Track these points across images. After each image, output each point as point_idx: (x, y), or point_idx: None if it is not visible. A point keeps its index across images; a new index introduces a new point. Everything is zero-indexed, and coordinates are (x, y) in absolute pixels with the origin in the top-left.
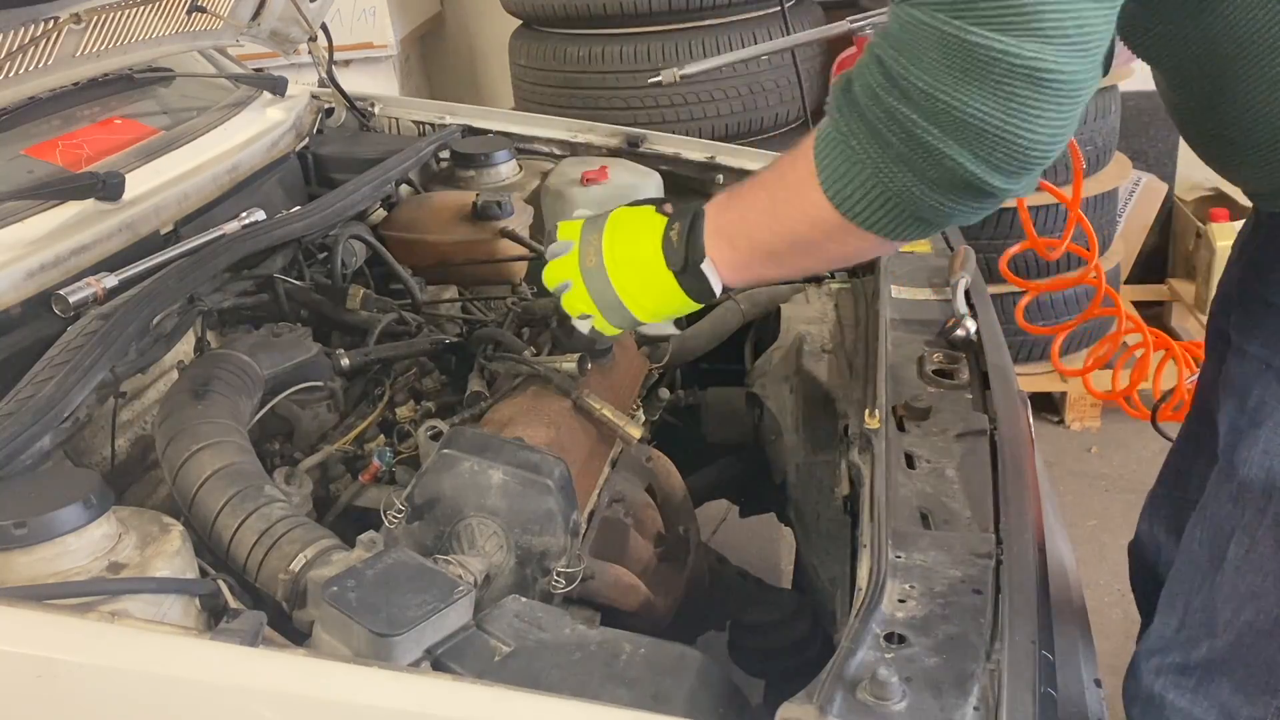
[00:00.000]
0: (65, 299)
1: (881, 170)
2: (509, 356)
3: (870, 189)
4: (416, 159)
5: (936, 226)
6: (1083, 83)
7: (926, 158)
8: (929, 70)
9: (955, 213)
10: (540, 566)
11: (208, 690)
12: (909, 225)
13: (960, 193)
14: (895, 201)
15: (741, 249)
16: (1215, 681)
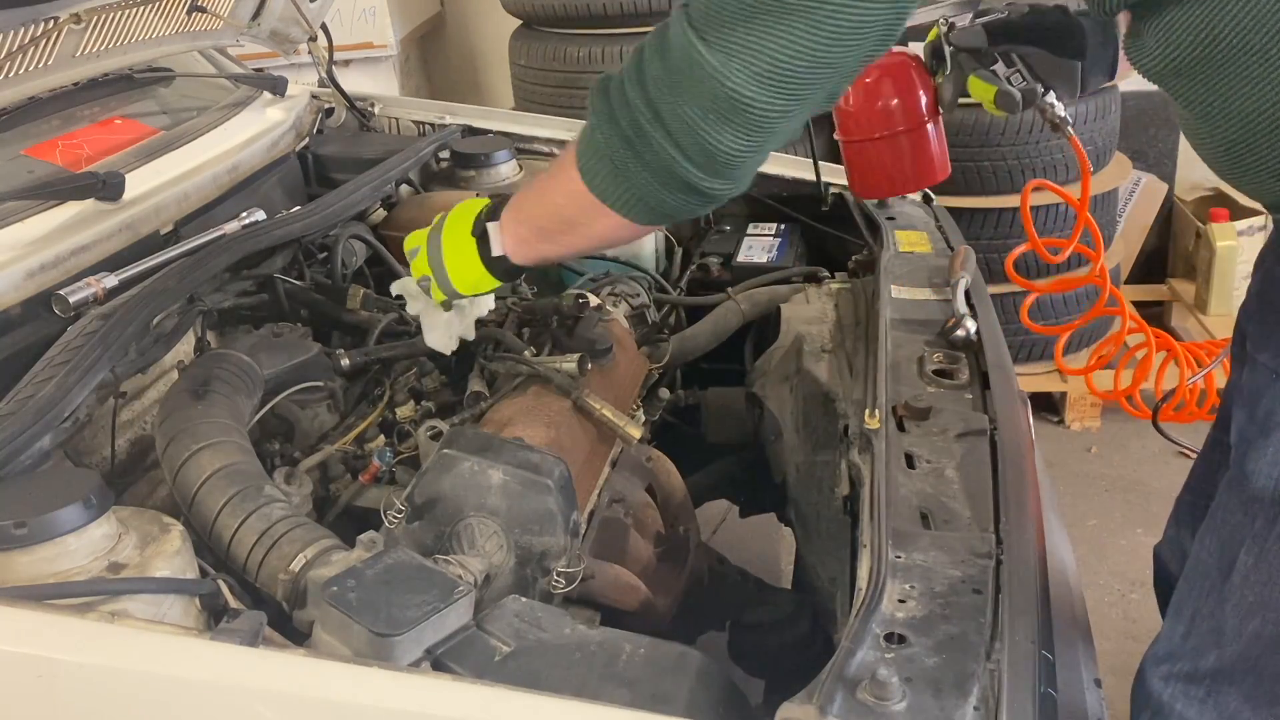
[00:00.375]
0: (65, 299)
1: (616, 153)
2: (509, 356)
3: (610, 171)
4: (416, 159)
5: (667, 215)
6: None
7: (646, 148)
8: (667, 67)
9: (678, 203)
10: (540, 566)
11: (208, 690)
12: (640, 210)
13: (676, 185)
14: (627, 186)
15: (523, 224)
16: (1223, 692)
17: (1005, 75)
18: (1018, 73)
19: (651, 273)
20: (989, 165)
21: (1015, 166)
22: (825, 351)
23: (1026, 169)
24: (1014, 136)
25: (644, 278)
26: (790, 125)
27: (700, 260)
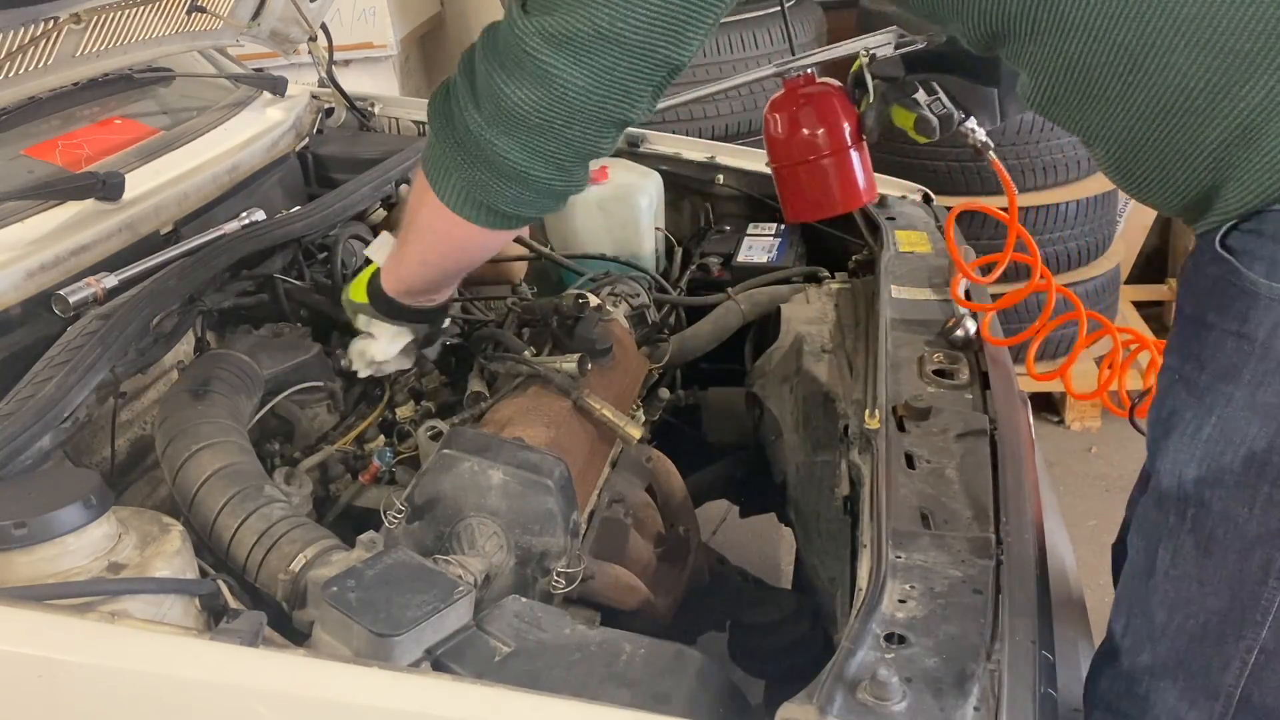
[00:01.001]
0: (65, 299)
1: (456, 165)
2: (509, 356)
3: (455, 182)
4: (416, 159)
5: (504, 215)
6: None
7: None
8: (497, 49)
9: (520, 201)
10: (540, 566)
11: (208, 690)
12: (486, 215)
13: (512, 182)
14: (469, 192)
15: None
16: (1161, 688)
17: (926, 103)
18: (938, 100)
19: (651, 273)
20: (989, 166)
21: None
22: (825, 351)
23: (1027, 169)
24: (1014, 137)
25: (644, 278)
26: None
27: (700, 260)
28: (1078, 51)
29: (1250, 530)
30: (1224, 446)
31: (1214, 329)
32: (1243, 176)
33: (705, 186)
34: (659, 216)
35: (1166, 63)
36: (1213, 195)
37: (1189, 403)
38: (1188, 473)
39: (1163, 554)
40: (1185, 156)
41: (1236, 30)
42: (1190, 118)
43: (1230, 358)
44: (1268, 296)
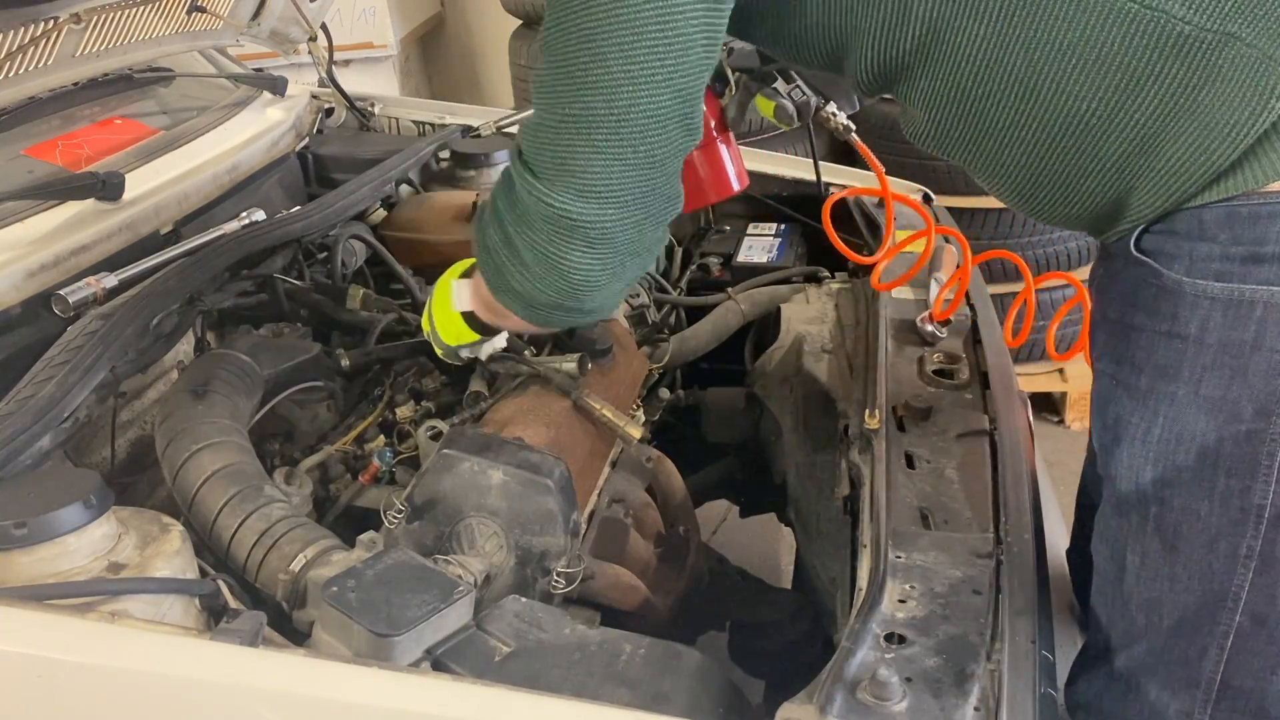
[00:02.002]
0: (65, 299)
1: (493, 277)
2: (509, 356)
3: (497, 285)
4: (416, 159)
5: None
6: (614, 232)
7: (507, 279)
8: (513, 207)
9: (556, 321)
10: (540, 566)
11: (208, 690)
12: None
13: (540, 307)
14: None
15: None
16: (1142, 684)
17: (786, 91)
18: (797, 88)
19: (651, 273)
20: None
21: None
22: (825, 351)
23: None
24: None
25: (644, 278)
26: (637, 236)
27: (700, 260)
28: (970, 83)
29: (1212, 522)
30: (1176, 445)
31: (1144, 331)
32: (1148, 185)
33: None
34: None
35: (1059, 88)
36: (1120, 206)
37: (1133, 407)
38: (1144, 475)
39: (1131, 558)
40: (1088, 173)
41: (1123, 50)
42: (1088, 137)
43: (1166, 358)
44: (1192, 293)
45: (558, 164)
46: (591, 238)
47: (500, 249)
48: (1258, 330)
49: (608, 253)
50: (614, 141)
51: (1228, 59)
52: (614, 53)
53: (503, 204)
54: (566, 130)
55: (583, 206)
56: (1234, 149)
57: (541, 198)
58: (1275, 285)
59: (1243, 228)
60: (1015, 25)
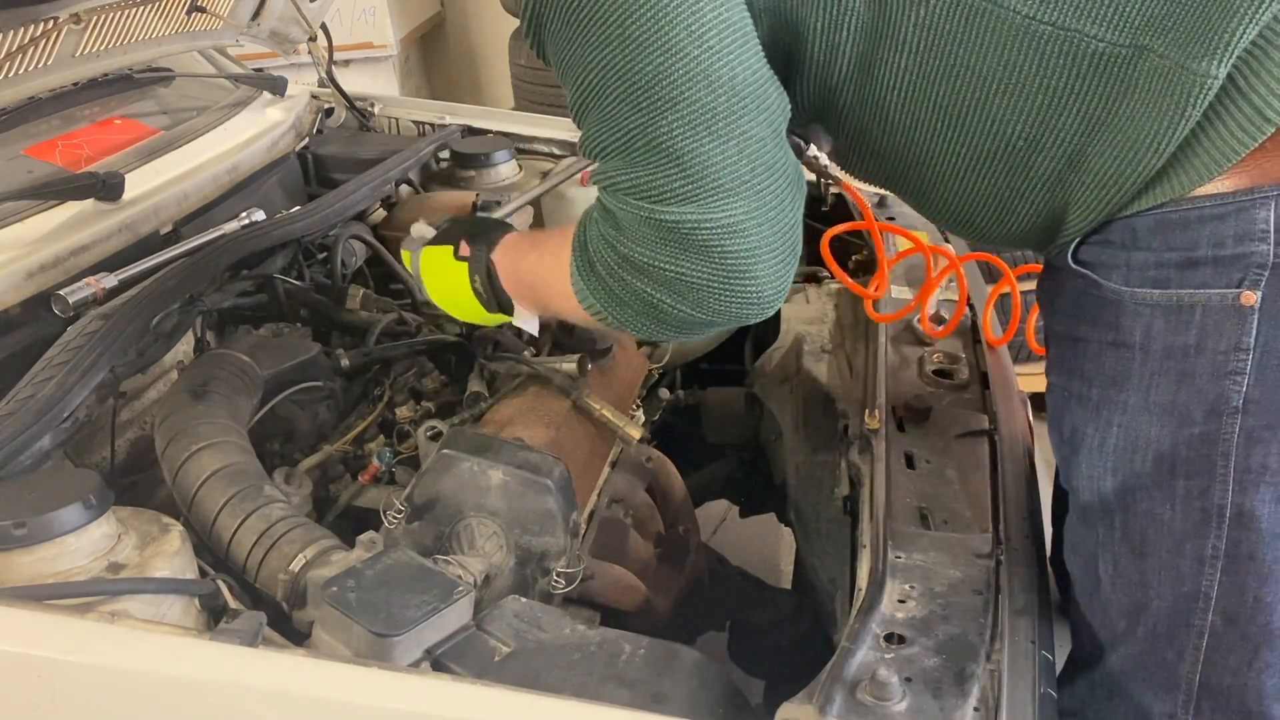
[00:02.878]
0: (65, 299)
1: (625, 318)
2: (509, 357)
3: (614, 319)
4: (416, 159)
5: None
6: (777, 217)
7: (663, 317)
8: (650, 247)
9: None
10: (540, 567)
11: (208, 690)
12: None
13: (693, 330)
14: (633, 328)
15: (530, 303)
16: (1125, 689)
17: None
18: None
19: None
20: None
21: None
22: (825, 351)
23: None
24: None
25: None
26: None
27: None
28: (898, 114)
29: (1176, 526)
30: (1132, 452)
31: (1090, 343)
32: (1080, 199)
33: None
34: None
35: (983, 113)
36: (1057, 221)
37: (1087, 418)
38: (1105, 484)
39: (1103, 567)
40: (1020, 193)
41: (1041, 71)
42: (1016, 158)
43: (1114, 367)
44: (1132, 302)
45: (691, 178)
46: (764, 237)
47: (653, 293)
48: (1199, 334)
49: (780, 246)
50: (736, 124)
51: (1143, 71)
52: (682, 38)
53: (636, 252)
54: (681, 139)
55: (743, 205)
56: (1158, 158)
57: (691, 220)
58: (1211, 288)
59: (1174, 234)
60: (936, 55)
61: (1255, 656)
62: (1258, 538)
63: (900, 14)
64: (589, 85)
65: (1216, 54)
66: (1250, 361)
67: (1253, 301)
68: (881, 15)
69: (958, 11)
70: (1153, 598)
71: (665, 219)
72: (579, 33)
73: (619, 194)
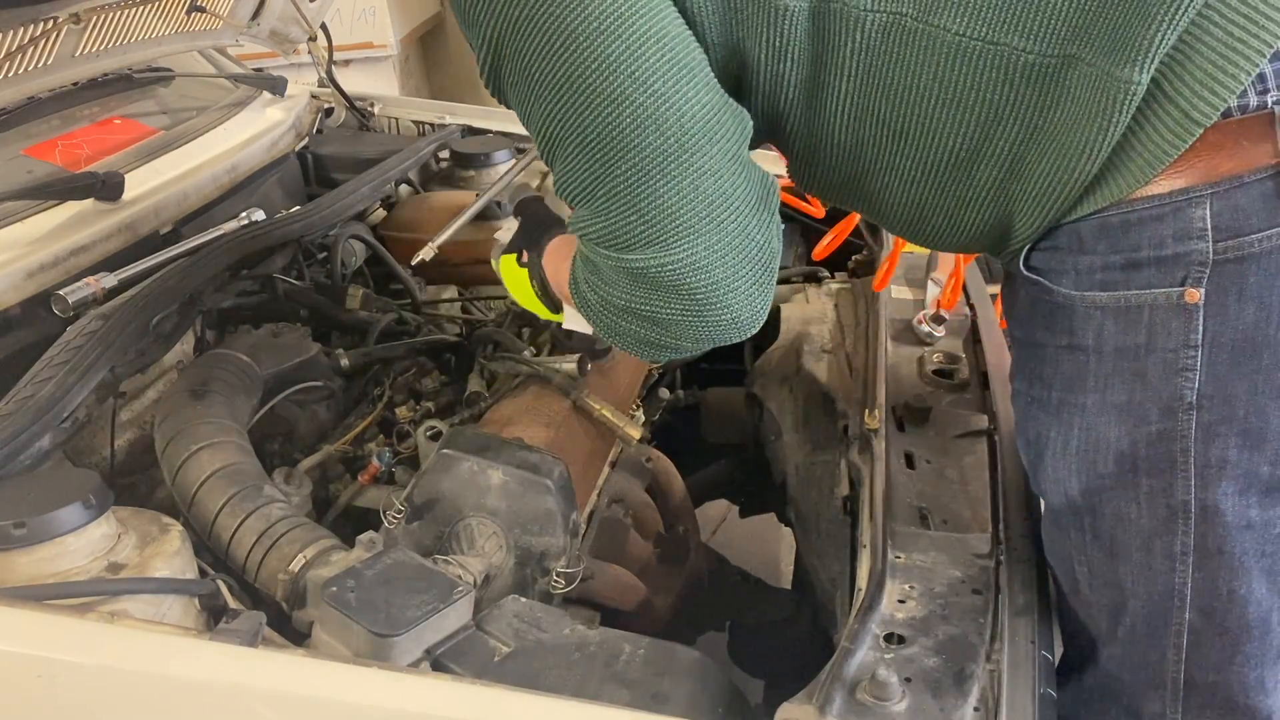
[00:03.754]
0: (65, 299)
1: (624, 345)
2: (509, 356)
3: (616, 345)
4: (416, 159)
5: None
6: (744, 245)
7: (654, 345)
8: (625, 290)
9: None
10: (540, 566)
11: (208, 690)
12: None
13: (688, 352)
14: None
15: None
16: (1115, 690)
17: None
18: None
19: None
20: None
21: None
22: (825, 351)
23: None
24: None
25: None
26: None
27: None
28: (844, 135)
29: (1144, 524)
30: (1094, 454)
31: (1047, 347)
32: (1024, 207)
33: None
34: None
35: (925, 128)
36: (1005, 229)
37: (1048, 422)
38: (1071, 487)
39: (1080, 569)
40: (966, 202)
41: (977, 85)
42: (959, 169)
43: (1071, 370)
44: (1083, 306)
45: (649, 223)
46: (730, 267)
47: (639, 329)
48: (1148, 333)
49: (750, 271)
50: (688, 161)
51: (1074, 80)
52: (626, 85)
53: (613, 295)
54: (636, 185)
55: (704, 242)
56: (1093, 163)
57: (655, 265)
58: (1156, 288)
59: (1117, 237)
60: (875, 76)
61: (1236, 650)
62: (1224, 531)
63: (838, 40)
64: (548, 135)
65: (1138, 60)
66: (1200, 358)
67: (1196, 299)
68: (821, 42)
69: (892, 34)
70: (1129, 598)
71: (632, 265)
72: (532, 85)
73: (589, 243)
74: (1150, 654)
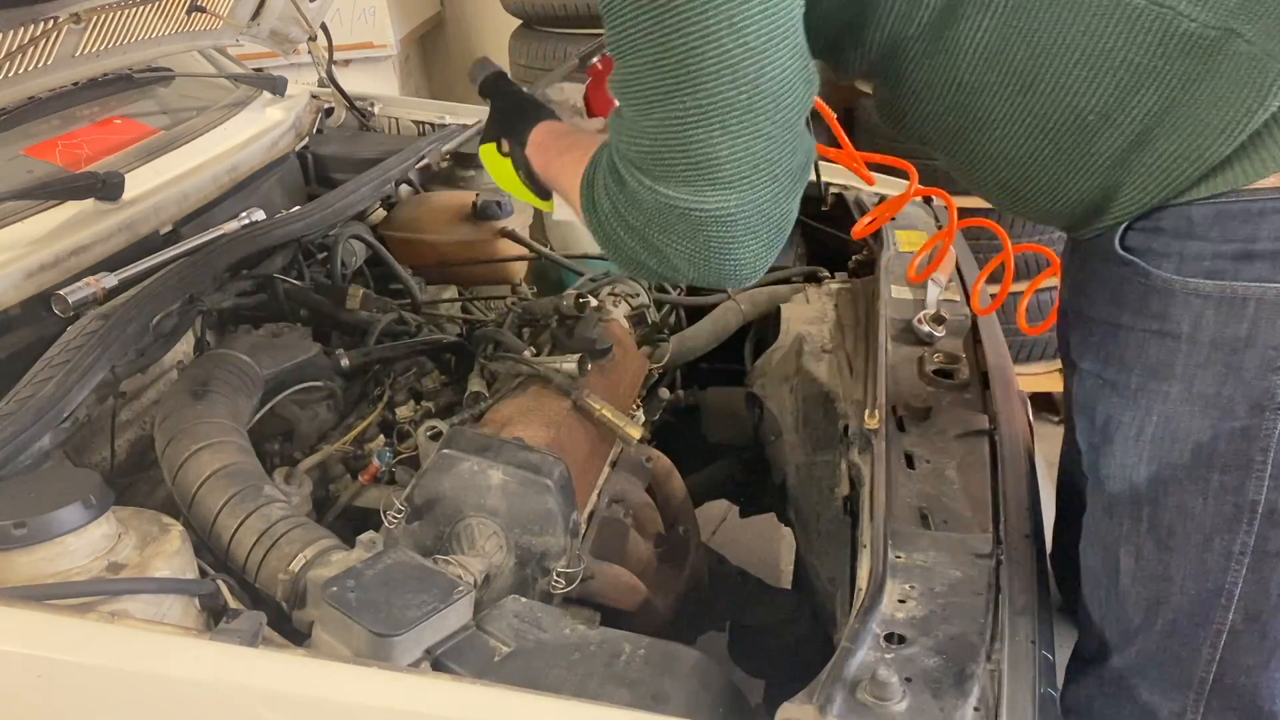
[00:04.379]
0: (65, 299)
1: (615, 257)
2: (509, 356)
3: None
4: (416, 159)
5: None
6: (769, 210)
7: (645, 271)
8: (642, 214)
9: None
10: (540, 566)
11: (208, 690)
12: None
13: (673, 283)
14: (621, 266)
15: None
16: (1134, 687)
17: None
18: None
19: None
20: None
21: None
22: (825, 351)
23: None
24: None
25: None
26: (789, 207)
27: None
28: (968, 75)
29: (1206, 520)
30: (1170, 443)
31: (1133, 330)
32: (1136, 181)
33: None
34: None
35: (1058, 83)
36: (1105, 202)
37: (1122, 406)
38: (1138, 474)
39: (1124, 559)
40: (1077, 169)
41: (1127, 46)
42: (1083, 132)
43: (1158, 356)
44: (1183, 292)
45: (692, 164)
46: (752, 226)
47: (640, 252)
48: (1251, 327)
49: (769, 235)
50: (749, 120)
51: (1228, 55)
52: (722, 28)
53: (629, 214)
54: (692, 125)
55: (736, 198)
56: (1227, 145)
57: (683, 204)
58: (1268, 282)
59: (1233, 225)
60: (1021, 18)
61: (1272, 655)
62: None
63: None
64: (626, 37)
65: None
66: None
67: None
68: None
69: None
70: (1174, 592)
71: (660, 195)
72: None
73: (624, 160)
74: (1183, 650)
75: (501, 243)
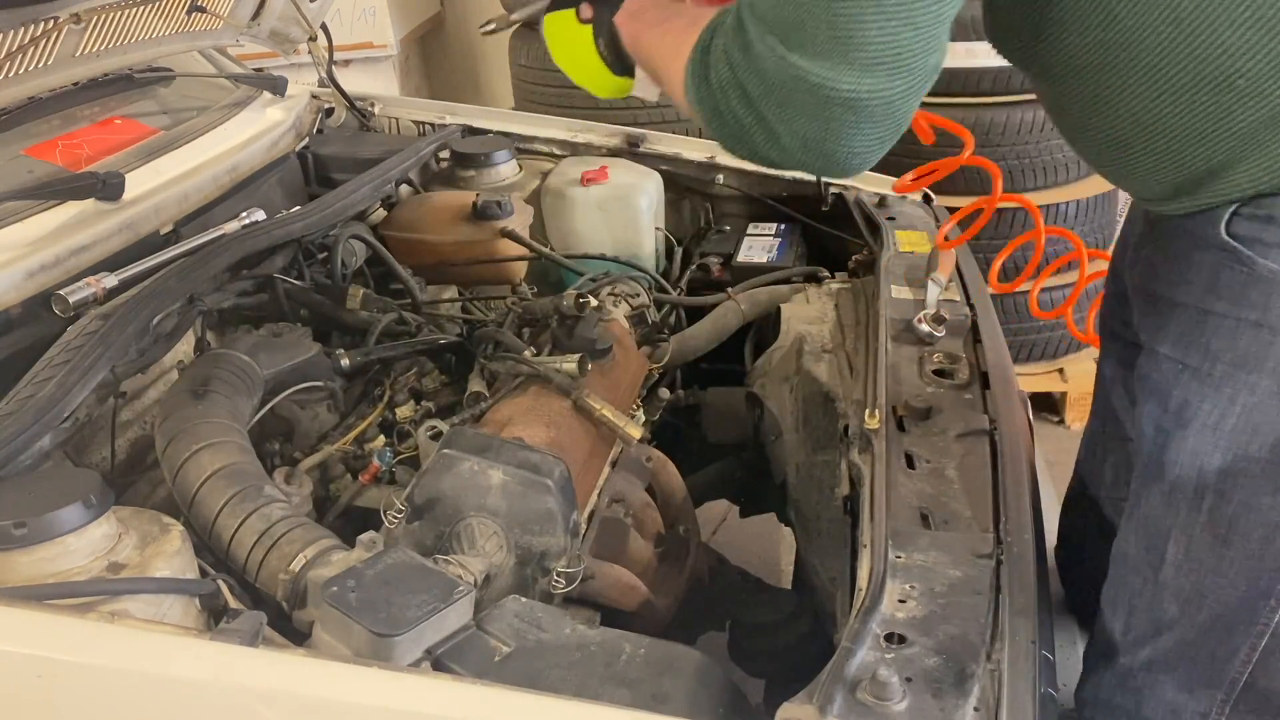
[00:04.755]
0: (65, 299)
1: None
2: (509, 356)
3: (709, 128)
4: (416, 159)
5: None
6: (897, 103)
7: (751, 149)
8: (765, 84)
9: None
10: (540, 566)
11: (208, 690)
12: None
13: (773, 167)
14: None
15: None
16: (1160, 681)
17: None
18: None
19: (651, 273)
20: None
21: (1016, 166)
22: (825, 351)
23: (1027, 169)
24: (1014, 137)
25: (644, 278)
26: (914, 106)
27: (700, 260)
28: (1127, 10)
29: (1273, 517)
30: (1251, 436)
31: (1225, 318)
32: (1259, 162)
33: (705, 186)
34: (659, 216)
35: (1220, 40)
36: (1212, 179)
37: (1204, 393)
38: (1210, 463)
39: (1173, 548)
40: (1205, 136)
41: None
42: (1227, 96)
43: (1250, 347)
44: None
45: (835, 37)
46: (876, 116)
47: (750, 126)
48: None
49: (888, 128)
50: (907, 4)
51: None
52: None
53: (749, 81)
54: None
55: (871, 82)
56: None
57: (814, 78)
58: None
59: None
60: None
61: None
62: None
63: None
64: None
65: None
66: None
67: None
68: None
69: None
70: (1223, 586)
71: (791, 65)
72: None
73: (759, 22)
74: (1220, 649)
75: (501, 243)
